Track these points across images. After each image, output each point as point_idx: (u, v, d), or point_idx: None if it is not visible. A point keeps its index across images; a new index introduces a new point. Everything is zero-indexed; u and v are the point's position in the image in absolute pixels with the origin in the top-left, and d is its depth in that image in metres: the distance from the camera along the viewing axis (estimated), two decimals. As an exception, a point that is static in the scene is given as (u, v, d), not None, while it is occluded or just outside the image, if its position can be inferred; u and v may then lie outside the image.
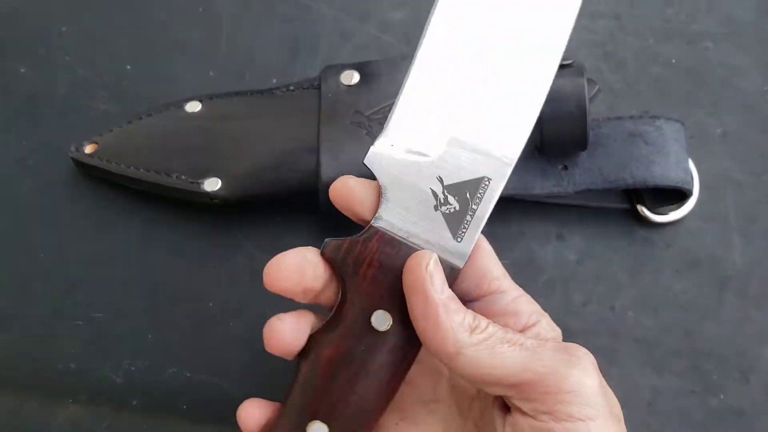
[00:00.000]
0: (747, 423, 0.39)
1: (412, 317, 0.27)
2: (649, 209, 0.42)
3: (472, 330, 0.27)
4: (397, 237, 0.29)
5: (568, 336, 0.40)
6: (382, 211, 0.29)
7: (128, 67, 0.46)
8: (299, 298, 0.30)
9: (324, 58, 0.46)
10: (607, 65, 0.47)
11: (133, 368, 0.40)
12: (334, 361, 0.29)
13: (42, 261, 0.42)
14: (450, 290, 0.28)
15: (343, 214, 0.31)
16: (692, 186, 0.41)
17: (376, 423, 0.30)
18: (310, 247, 0.30)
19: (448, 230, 0.29)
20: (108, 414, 0.39)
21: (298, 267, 0.29)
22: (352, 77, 0.41)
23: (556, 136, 0.39)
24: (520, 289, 0.32)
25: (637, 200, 0.42)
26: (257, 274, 0.41)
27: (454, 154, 0.29)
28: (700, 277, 0.42)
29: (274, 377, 0.37)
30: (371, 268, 0.29)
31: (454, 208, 0.29)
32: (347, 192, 0.30)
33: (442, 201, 0.29)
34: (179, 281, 0.42)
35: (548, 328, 0.31)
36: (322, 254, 0.29)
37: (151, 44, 0.46)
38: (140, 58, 0.46)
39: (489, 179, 0.29)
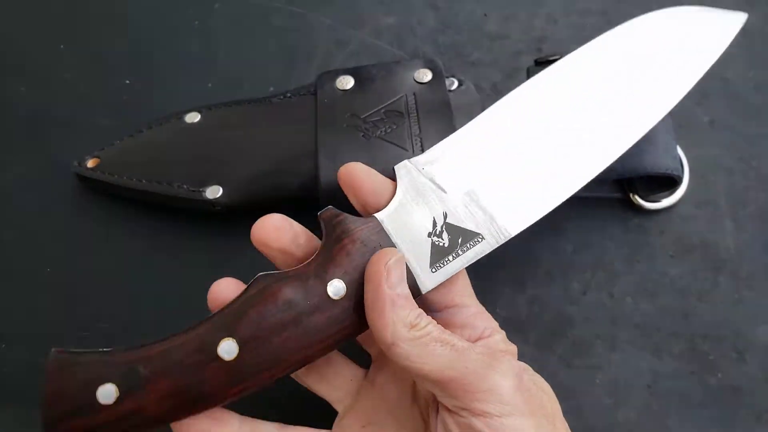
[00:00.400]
0: (745, 400, 0.40)
1: (365, 301, 0.30)
2: (642, 197, 0.43)
3: (412, 327, 0.29)
4: (388, 235, 0.31)
5: (569, 324, 0.41)
6: (386, 212, 0.32)
7: (127, 81, 0.47)
8: (278, 261, 0.32)
9: (319, 65, 0.47)
10: (594, 60, 0.48)
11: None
12: (275, 299, 0.29)
13: (48, 274, 0.43)
14: (405, 288, 0.30)
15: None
16: (682, 173, 0.43)
17: (280, 373, 0.30)
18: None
19: (428, 258, 0.32)
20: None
21: (278, 227, 0.32)
22: (347, 82, 0.42)
23: (548, 130, 0.40)
24: (482, 306, 0.34)
25: (629, 189, 0.43)
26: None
27: (466, 202, 0.32)
28: (694, 262, 0.43)
29: (278, 379, 0.37)
30: (353, 244, 0.31)
31: (444, 244, 0.32)
32: (363, 177, 0.32)
33: (436, 233, 0.32)
34: (183, 289, 0.42)
35: (500, 342, 0.33)
36: (319, 216, 0.31)
37: (149, 58, 0.48)
38: (139, 73, 0.47)
39: (483, 239, 0.32)
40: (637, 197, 0.43)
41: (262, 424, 0.32)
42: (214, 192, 0.41)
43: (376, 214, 0.32)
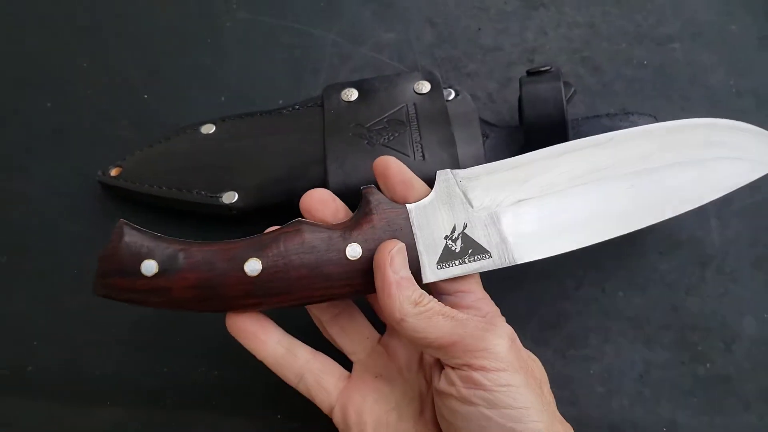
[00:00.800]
0: (733, 388, 0.42)
1: (376, 286, 0.34)
2: (631, 198, 0.45)
3: (416, 303, 0.33)
4: (411, 224, 0.35)
5: (564, 318, 0.43)
6: (416, 205, 0.36)
7: (146, 96, 0.49)
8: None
9: (325, 78, 0.50)
10: (584, 69, 0.51)
11: (165, 370, 0.43)
12: (302, 240, 0.34)
13: (75, 277, 0.45)
14: (408, 272, 0.34)
15: None
16: (668, 174, 0.45)
17: (291, 302, 0.35)
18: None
19: (438, 256, 0.35)
20: (144, 414, 0.42)
21: (323, 200, 0.37)
22: (351, 94, 0.45)
23: (539, 136, 0.42)
24: (485, 293, 0.37)
25: (619, 191, 0.45)
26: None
27: (487, 222, 0.36)
28: (682, 257, 0.45)
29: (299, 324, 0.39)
30: (380, 221, 0.35)
31: (455, 249, 0.35)
32: (395, 168, 0.36)
33: (452, 238, 0.35)
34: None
35: (504, 326, 0.36)
36: (362, 189, 0.36)
37: (166, 74, 0.50)
38: (157, 88, 0.50)
39: (490, 256, 0.36)
40: (626, 197, 0.45)
41: (298, 343, 0.37)
42: (230, 197, 0.43)
43: (407, 205, 0.35)
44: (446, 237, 0.35)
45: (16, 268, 0.45)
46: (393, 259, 0.33)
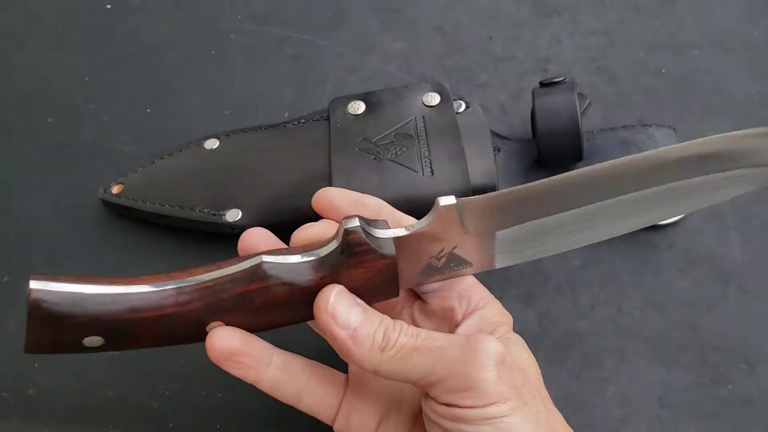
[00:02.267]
0: (756, 411, 0.40)
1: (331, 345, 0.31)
2: (649, 213, 0.44)
3: (383, 349, 0.30)
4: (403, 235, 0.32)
5: (578, 338, 0.42)
6: (405, 236, 0.32)
7: (148, 110, 0.49)
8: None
9: (331, 91, 0.49)
10: (600, 79, 0.49)
11: (168, 392, 0.42)
12: (264, 299, 0.31)
13: (78, 297, 0.44)
14: (358, 314, 0.30)
15: None
16: (687, 188, 0.43)
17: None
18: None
19: (419, 272, 0.32)
20: (148, 438, 0.41)
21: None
22: (358, 107, 0.44)
23: (553, 150, 0.41)
24: (476, 279, 0.35)
25: (636, 205, 0.44)
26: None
27: (477, 244, 0.32)
28: (702, 275, 0.43)
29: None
30: (366, 273, 0.31)
31: (437, 265, 0.33)
32: (354, 197, 0.34)
33: (437, 257, 0.32)
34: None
35: (496, 312, 0.34)
36: (345, 232, 0.31)
37: (169, 88, 0.50)
38: (159, 102, 0.49)
39: (471, 266, 0.33)
40: (643, 212, 0.44)
41: (291, 356, 0.34)
42: (233, 215, 0.42)
43: (393, 237, 0.31)
44: (431, 257, 0.32)
45: (18, 288, 0.45)
46: (335, 316, 0.30)
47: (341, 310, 0.30)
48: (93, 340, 0.30)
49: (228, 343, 0.31)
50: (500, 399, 0.29)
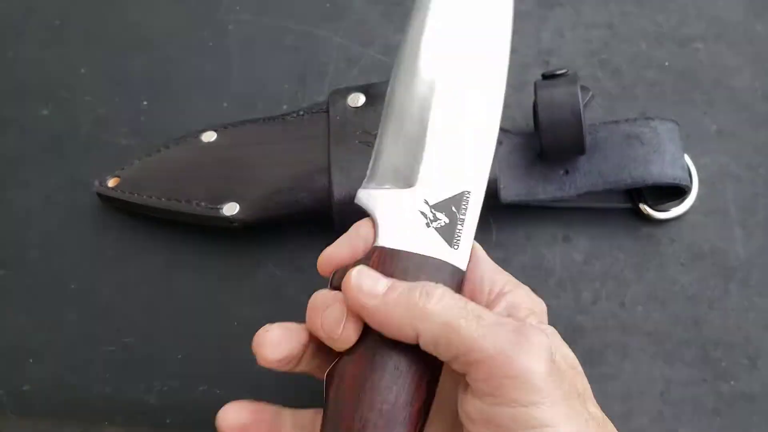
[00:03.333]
0: (758, 407, 0.40)
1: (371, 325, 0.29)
2: (651, 207, 0.43)
3: (426, 297, 0.28)
4: (397, 249, 0.31)
5: (579, 333, 0.42)
6: (381, 238, 0.31)
7: (145, 102, 0.48)
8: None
9: (331, 82, 0.48)
10: (603, 72, 0.49)
11: (165, 388, 0.41)
12: (358, 379, 0.29)
13: (73, 291, 0.44)
14: (384, 281, 0.29)
15: None
16: (690, 182, 0.43)
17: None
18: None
19: (444, 242, 0.31)
20: (144, 434, 0.41)
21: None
22: (358, 99, 0.43)
23: (555, 143, 0.41)
24: (495, 263, 0.33)
25: (639, 199, 0.44)
26: (279, 292, 0.43)
27: (432, 180, 0.32)
28: (705, 269, 0.43)
29: (301, 389, 0.38)
30: None
31: (444, 222, 0.31)
32: (336, 257, 0.32)
33: (431, 219, 0.31)
34: (204, 303, 0.43)
35: (526, 298, 0.32)
36: (331, 284, 0.31)
37: (166, 80, 0.49)
38: (156, 94, 0.48)
39: (469, 192, 0.32)
40: (646, 207, 0.43)
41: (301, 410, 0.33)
42: (231, 209, 0.42)
43: (374, 245, 0.31)
44: (428, 225, 0.31)
45: (13, 283, 0.44)
46: (361, 289, 0.28)
47: (366, 282, 0.29)
48: None
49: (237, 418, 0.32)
50: (548, 400, 0.26)
